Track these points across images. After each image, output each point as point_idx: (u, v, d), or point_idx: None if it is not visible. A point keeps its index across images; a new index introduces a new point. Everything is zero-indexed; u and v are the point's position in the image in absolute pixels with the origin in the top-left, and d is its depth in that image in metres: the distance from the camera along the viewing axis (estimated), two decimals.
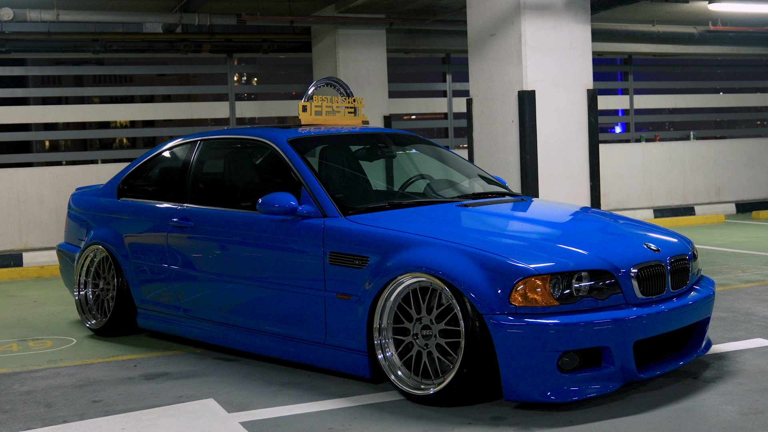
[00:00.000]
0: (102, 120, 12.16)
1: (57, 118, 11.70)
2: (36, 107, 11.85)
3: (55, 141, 34.09)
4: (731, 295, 6.65)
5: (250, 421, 3.97)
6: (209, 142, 5.69)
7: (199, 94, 13.83)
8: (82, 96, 13.05)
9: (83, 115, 11.84)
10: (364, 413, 4.02)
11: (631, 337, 3.96)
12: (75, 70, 11.94)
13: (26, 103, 13.62)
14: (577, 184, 7.28)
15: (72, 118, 11.72)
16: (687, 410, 3.89)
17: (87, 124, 14.28)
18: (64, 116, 11.90)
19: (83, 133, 13.55)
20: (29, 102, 31.48)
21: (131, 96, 18.38)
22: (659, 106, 15.80)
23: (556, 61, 7.24)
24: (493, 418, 3.87)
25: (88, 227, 6.25)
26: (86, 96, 13.22)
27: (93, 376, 4.92)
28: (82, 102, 11.96)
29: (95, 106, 12.19)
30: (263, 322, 4.92)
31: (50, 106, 11.64)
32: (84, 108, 11.93)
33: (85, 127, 19.01)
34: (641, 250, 4.24)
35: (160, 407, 4.24)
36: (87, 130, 14.32)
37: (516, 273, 3.88)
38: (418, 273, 4.09)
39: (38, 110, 11.85)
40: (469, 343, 3.91)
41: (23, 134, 12.10)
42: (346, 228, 4.50)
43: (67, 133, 11.99)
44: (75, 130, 14.55)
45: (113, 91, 13.34)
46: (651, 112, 17.40)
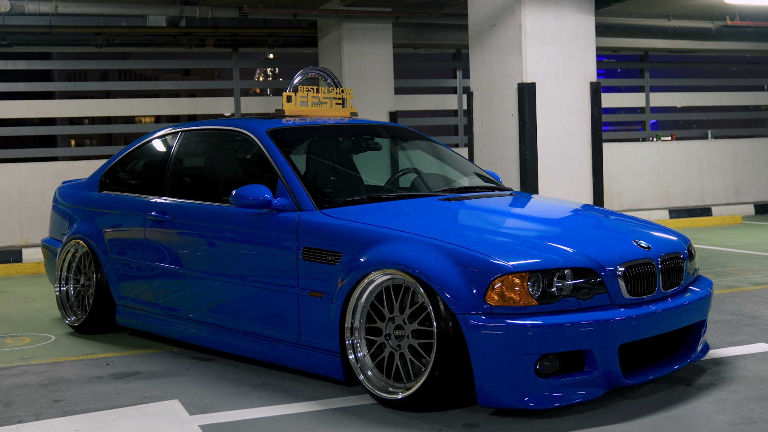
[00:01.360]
0: (103, 115, 12.03)
1: (59, 112, 11.58)
2: (34, 102, 11.70)
3: (54, 136, 33.95)
4: (738, 298, 6.36)
5: (210, 425, 3.76)
6: (189, 133, 5.49)
7: (204, 89, 13.66)
8: (85, 91, 12.92)
9: (84, 110, 11.71)
10: (331, 417, 3.80)
11: (616, 340, 3.70)
12: (77, 64, 11.80)
13: (28, 98, 13.69)
14: (579, 181, 7.00)
15: (75, 113, 11.59)
16: (674, 419, 3.63)
17: (96, 119, 14.14)
18: (67, 111, 11.78)
19: (86, 129, 13.45)
20: (31, 97, 31.39)
21: (135, 91, 18.28)
22: (676, 103, 15.42)
23: (558, 53, 6.97)
24: (465, 425, 3.63)
25: (70, 221, 6.08)
26: (89, 91, 13.09)
27: (62, 374, 4.74)
28: (84, 97, 11.83)
29: (97, 101, 12.05)
30: (238, 321, 4.71)
31: (50, 101, 11.51)
32: (85, 103, 11.80)
33: (109, 121, 18.89)
34: (630, 248, 3.98)
35: (122, 408, 4.04)
36: (103, 125, 14.18)
37: (492, 270, 3.63)
38: (391, 269, 3.86)
39: (40, 105, 11.72)
40: (442, 344, 3.67)
41: (23, 129, 11.98)
42: (320, 222, 4.28)
43: (68, 129, 11.85)
44: (83, 126, 14.48)
45: (115, 86, 13.20)
46: (668, 110, 17.02)
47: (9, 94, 11.65)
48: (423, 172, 5.36)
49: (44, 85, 13.19)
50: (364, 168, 5.35)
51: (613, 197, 12.97)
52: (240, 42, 12.06)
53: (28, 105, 11.70)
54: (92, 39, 11.15)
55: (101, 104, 12.20)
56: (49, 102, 11.66)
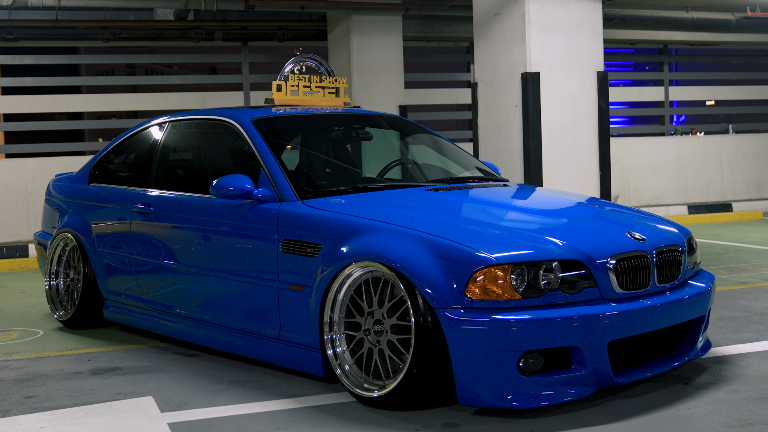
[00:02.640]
0: (111, 110, 11.94)
1: (67, 107, 11.50)
2: (39, 96, 11.62)
3: (58, 131, 33.91)
4: (750, 294, 6.11)
5: (179, 422, 3.61)
6: (177, 123, 5.35)
7: (213, 84, 13.56)
8: (95, 86, 12.81)
9: (93, 105, 11.63)
10: (306, 416, 3.63)
11: (606, 336, 3.50)
12: (84, 59, 11.73)
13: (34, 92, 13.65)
14: (585, 174, 6.77)
15: (82, 108, 11.52)
16: (666, 420, 3.42)
17: (99, 114, 14.05)
18: (75, 106, 11.70)
19: (92, 123, 13.38)
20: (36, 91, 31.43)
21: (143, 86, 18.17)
22: (697, 98, 15.08)
23: (563, 42, 6.75)
24: (445, 425, 3.45)
25: (61, 214, 5.97)
26: (96, 86, 12.98)
27: (41, 370, 4.61)
28: (94, 92, 11.72)
29: (106, 95, 11.97)
30: (221, 316, 4.55)
31: (57, 96, 11.43)
32: (95, 98, 11.72)
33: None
34: (623, 239, 3.77)
35: (92, 405, 3.90)
36: (103, 120, 14.10)
37: (474, 262, 3.44)
38: (369, 262, 3.69)
39: (47, 99, 11.63)
40: (420, 340, 3.48)
41: (28, 124, 11.91)
42: (300, 213, 4.11)
43: (74, 123, 11.75)
44: (89, 120, 14.37)
45: (121, 81, 13.11)
46: (689, 105, 16.68)
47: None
48: (417, 162, 5.18)
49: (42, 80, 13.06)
50: (357, 159, 5.18)
51: (631, 193, 12.70)
52: (249, 36, 11.92)
53: (32, 100, 11.64)
54: (99, 33, 11.05)
55: (111, 99, 12.11)
56: (55, 97, 11.56)
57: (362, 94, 10.89)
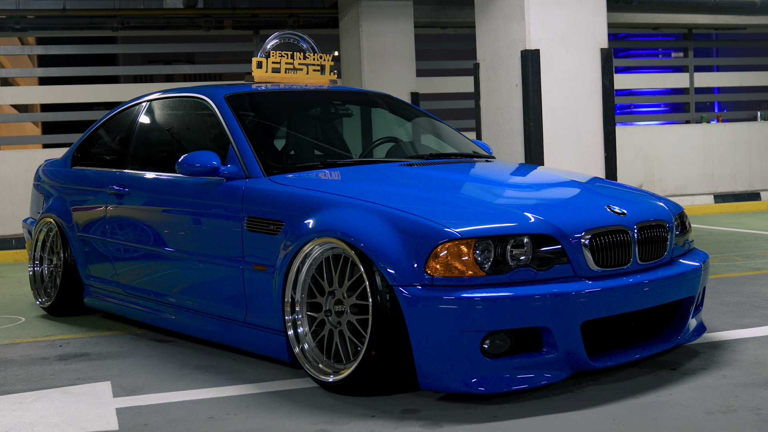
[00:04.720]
0: (119, 100, 11.84)
1: (76, 98, 11.42)
2: (52, 87, 11.57)
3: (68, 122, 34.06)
4: (761, 280, 5.80)
5: (128, 407, 3.43)
6: (155, 102, 5.18)
7: (224, 73, 13.42)
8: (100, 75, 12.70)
9: (100, 95, 11.54)
10: (261, 401, 3.43)
11: (578, 316, 3.25)
12: (93, 48, 11.64)
13: None
14: (588, 155, 6.48)
15: (93, 98, 11.44)
16: (642, 407, 3.16)
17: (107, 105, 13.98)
18: (84, 96, 11.63)
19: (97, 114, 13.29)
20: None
21: (151, 75, 18.07)
22: (723, 84, 14.61)
23: (564, 17, 6.46)
24: (404, 411, 3.23)
25: (45, 199, 5.85)
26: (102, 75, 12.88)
27: (8, 356, 4.47)
28: (100, 82, 11.61)
29: (114, 85, 11.88)
30: (192, 300, 4.37)
31: (67, 86, 11.36)
32: (102, 88, 11.63)
33: None
34: (601, 213, 3.52)
35: (46, 390, 3.74)
36: None
37: (435, 236, 3.22)
38: (329, 238, 3.48)
39: (58, 90, 11.58)
40: (378, 320, 3.26)
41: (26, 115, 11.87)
42: (265, 189, 3.91)
43: (82, 114, 11.61)
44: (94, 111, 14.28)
45: (130, 71, 13.00)
46: (711, 91, 16.20)
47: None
48: (402, 140, 4.95)
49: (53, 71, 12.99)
50: (336, 137, 4.96)
51: (655, 182, 12.34)
52: (259, 23, 11.75)
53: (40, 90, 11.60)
54: (107, 22, 10.97)
55: (120, 89, 12.03)
56: (65, 88, 11.50)
57: (372, 81, 10.67)
